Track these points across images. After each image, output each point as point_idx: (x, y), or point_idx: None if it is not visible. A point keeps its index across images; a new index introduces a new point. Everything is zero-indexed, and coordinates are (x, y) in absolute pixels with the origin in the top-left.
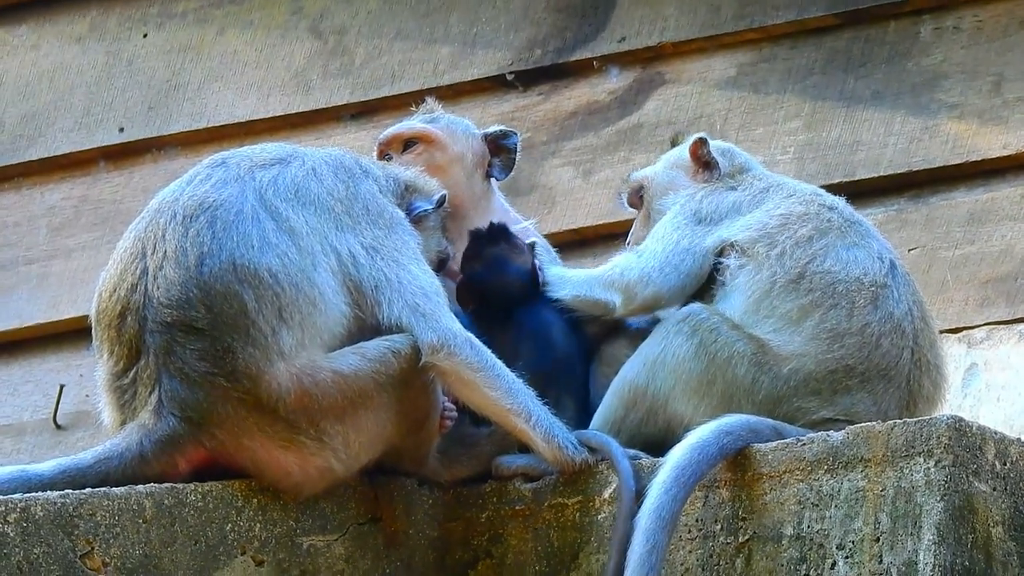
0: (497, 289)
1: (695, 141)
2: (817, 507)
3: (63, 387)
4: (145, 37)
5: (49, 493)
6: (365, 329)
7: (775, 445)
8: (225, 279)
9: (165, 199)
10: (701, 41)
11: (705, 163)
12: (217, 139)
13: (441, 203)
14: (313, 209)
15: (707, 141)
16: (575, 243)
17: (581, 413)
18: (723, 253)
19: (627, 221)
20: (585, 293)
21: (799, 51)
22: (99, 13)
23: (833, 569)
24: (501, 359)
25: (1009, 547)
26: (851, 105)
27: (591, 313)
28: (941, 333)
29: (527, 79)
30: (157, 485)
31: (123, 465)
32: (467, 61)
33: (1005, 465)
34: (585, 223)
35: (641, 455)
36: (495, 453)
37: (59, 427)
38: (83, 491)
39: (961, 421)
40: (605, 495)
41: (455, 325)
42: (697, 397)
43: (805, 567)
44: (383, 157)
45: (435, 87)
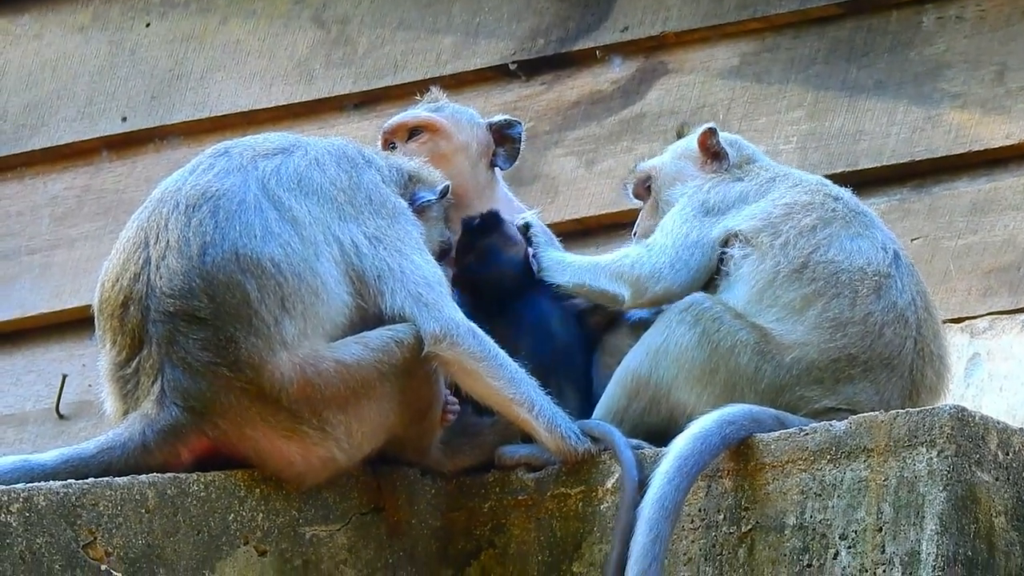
0: (490, 281)
1: (704, 131)
2: (820, 497)
3: (66, 377)
4: (148, 26)
5: (52, 483)
6: (367, 319)
7: (778, 435)
8: (228, 269)
9: (168, 188)
10: (704, 31)
11: (714, 153)
12: (220, 129)
13: (444, 194)
14: (316, 199)
15: (716, 131)
16: (578, 233)
17: (583, 403)
18: (728, 243)
19: (630, 211)
20: (590, 282)
21: (802, 40)
22: (102, 2)
23: (836, 559)
24: (502, 349)
25: (1012, 537)
26: (854, 95)
27: (594, 302)
28: (944, 323)
29: (530, 69)
30: (160, 475)
31: (126, 455)
32: (470, 51)
33: (1008, 455)
34: (588, 213)
35: (644, 445)
36: (498, 443)
37: (62, 417)
38: (86, 481)
39: (964, 411)
40: (608, 485)
41: (458, 315)
42: (700, 386)
43: (808, 557)
44: (388, 146)
45: (438, 77)
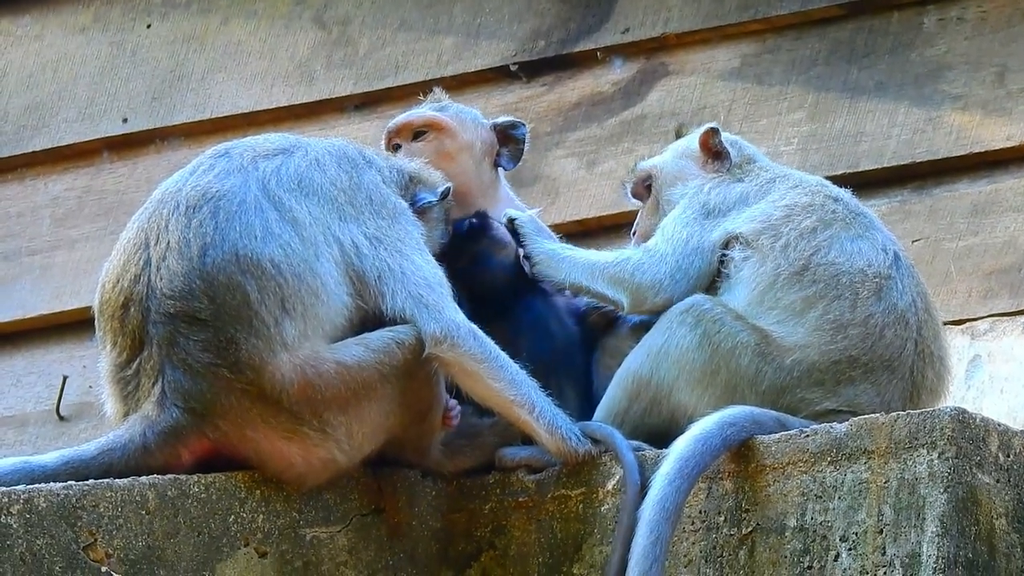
0: (484, 285)
1: (707, 131)
2: (820, 499)
3: (66, 378)
4: (149, 27)
5: (52, 484)
6: (368, 320)
7: (778, 437)
8: (228, 270)
9: (168, 189)
10: (705, 32)
11: (716, 153)
12: (221, 130)
13: (445, 195)
14: (316, 199)
15: (719, 131)
16: (579, 234)
17: (583, 404)
18: (728, 245)
19: (631, 212)
20: (587, 283)
21: (803, 42)
22: (103, 3)
23: (836, 561)
24: (503, 351)
25: (1012, 539)
26: (855, 96)
27: (589, 302)
28: (944, 325)
29: (531, 70)
30: (160, 476)
31: (126, 456)
32: (471, 52)
33: (1008, 457)
34: (589, 214)
35: (644, 446)
36: (498, 444)
37: (62, 418)
38: (86, 482)
39: (964, 413)
40: (608, 486)
41: (459, 316)
42: (701, 388)
43: (808, 559)
44: (392, 146)
45: (439, 78)
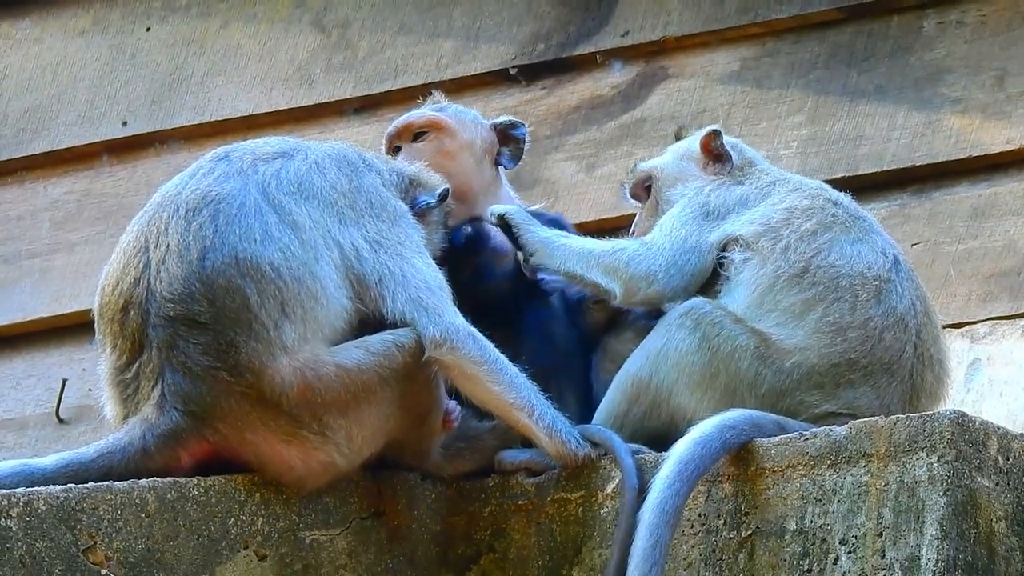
0: (488, 295)
1: (708, 133)
2: (820, 502)
3: (66, 381)
4: (148, 31)
5: (52, 487)
6: (367, 323)
7: (778, 440)
8: (227, 273)
9: (168, 193)
10: (704, 35)
11: (717, 156)
12: (220, 133)
13: (444, 196)
14: (316, 202)
15: (720, 134)
16: None
17: (583, 407)
18: (727, 247)
19: (631, 216)
20: (581, 272)
21: (802, 45)
22: (102, 6)
23: (836, 564)
24: (503, 355)
25: (1012, 542)
26: (854, 100)
27: (581, 289)
28: (944, 328)
29: (530, 73)
30: (160, 479)
31: (126, 459)
32: (470, 55)
33: (1008, 460)
34: (588, 217)
35: (644, 450)
36: (497, 448)
37: (61, 421)
38: (86, 485)
39: (964, 416)
40: (608, 490)
41: (458, 319)
42: (700, 391)
43: (808, 562)
44: (392, 149)
45: (438, 81)
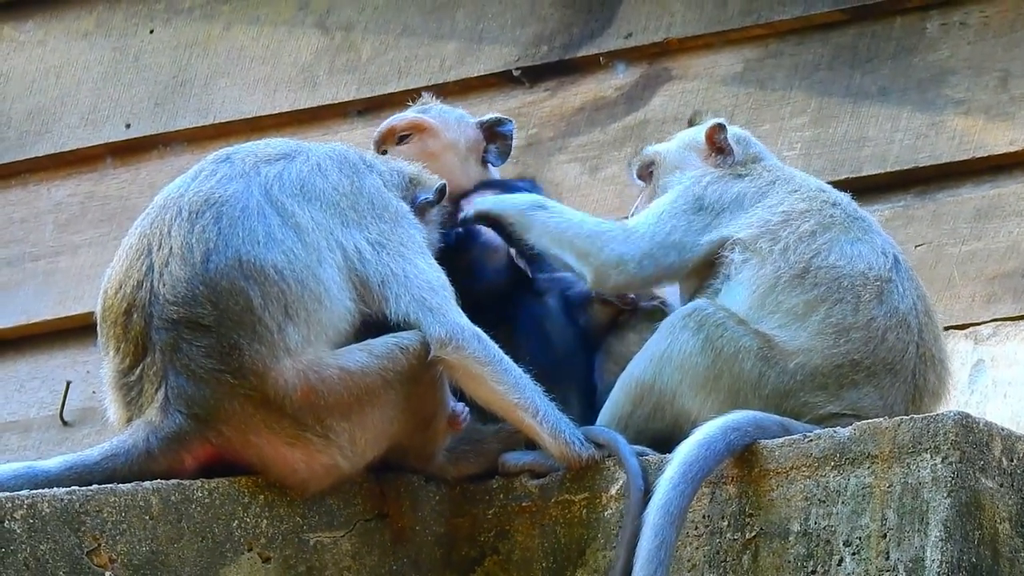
0: (484, 293)
1: (712, 126)
2: (824, 503)
3: (70, 383)
4: (151, 33)
5: (56, 490)
6: (370, 325)
7: (782, 441)
8: (231, 276)
9: (170, 195)
10: (707, 37)
11: (719, 148)
12: (223, 135)
13: (442, 192)
14: (319, 204)
15: (725, 127)
16: None
17: (586, 409)
18: (724, 247)
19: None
20: (556, 251)
21: (805, 47)
22: (105, 9)
23: (840, 566)
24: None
25: (1016, 543)
26: (857, 101)
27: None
28: (948, 329)
29: (533, 75)
30: (164, 482)
31: (130, 462)
32: (473, 57)
33: (1012, 461)
34: None
35: (648, 451)
36: (501, 449)
37: (65, 424)
38: (90, 488)
39: (968, 417)
40: (612, 491)
41: (462, 319)
42: (704, 392)
43: (812, 563)
44: (380, 152)
45: (441, 83)
